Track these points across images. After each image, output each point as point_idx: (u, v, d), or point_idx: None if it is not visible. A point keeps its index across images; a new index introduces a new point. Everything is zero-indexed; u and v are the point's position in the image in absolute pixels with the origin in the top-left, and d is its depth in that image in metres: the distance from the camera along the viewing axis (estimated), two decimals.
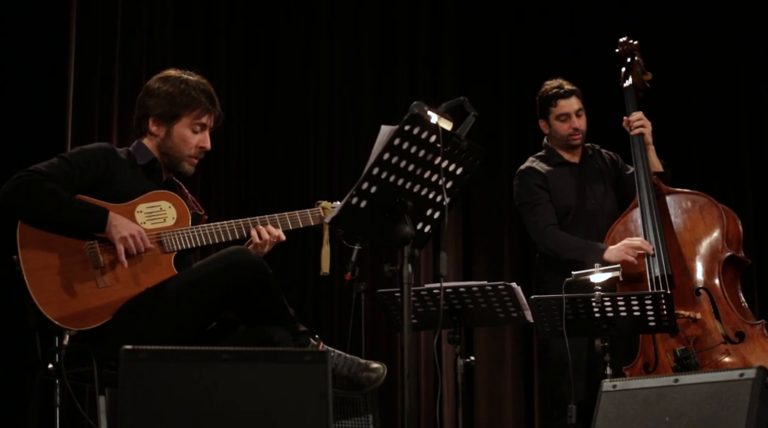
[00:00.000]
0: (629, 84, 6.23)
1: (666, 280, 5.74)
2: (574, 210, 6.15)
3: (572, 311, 5.23)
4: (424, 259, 7.73)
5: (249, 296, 4.36)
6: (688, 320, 5.65)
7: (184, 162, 4.72)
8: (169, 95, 4.69)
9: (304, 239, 7.36)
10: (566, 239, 6.00)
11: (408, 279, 3.83)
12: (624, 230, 5.99)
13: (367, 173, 3.77)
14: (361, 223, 3.89)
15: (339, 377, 4.46)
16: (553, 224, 6.07)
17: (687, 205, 5.94)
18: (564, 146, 6.25)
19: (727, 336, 5.61)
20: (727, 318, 5.64)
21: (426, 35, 8.35)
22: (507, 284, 5.28)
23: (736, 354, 5.56)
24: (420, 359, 7.82)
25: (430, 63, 8.32)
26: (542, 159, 6.27)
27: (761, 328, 5.61)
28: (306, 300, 7.79)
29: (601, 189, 6.22)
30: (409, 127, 3.76)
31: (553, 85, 6.24)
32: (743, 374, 3.55)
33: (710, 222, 5.86)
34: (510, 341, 8.02)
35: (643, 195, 5.94)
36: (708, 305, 5.69)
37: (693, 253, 5.83)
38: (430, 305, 5.34)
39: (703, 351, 5.58)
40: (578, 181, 6.21)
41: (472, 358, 5.43)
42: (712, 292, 5.70)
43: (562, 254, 5.97)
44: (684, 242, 5.86)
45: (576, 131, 6.19)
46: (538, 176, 6.18)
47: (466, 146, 3.93)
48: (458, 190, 4.02)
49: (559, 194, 6.16)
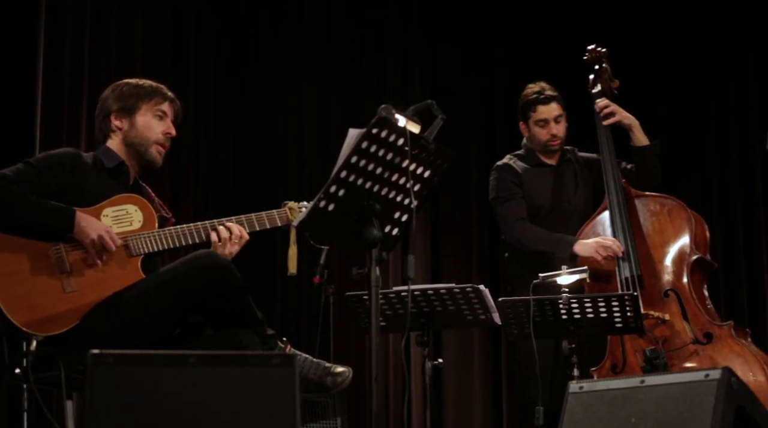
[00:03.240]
0: (597, 90, 6.27)
1: (635, 281, 5.78)
2: (546, 211, 6.18)
3: (540, 313, 5.24)
4: (393, 262, 7.74)
5: (217, 299, 4.36)
6: (656, 321, 5.69)
7: (151, 149, 4.73)
8: (125, 91, 4.77)
9: (272, 241, 7.35)
10: (535, 231, 6.04)
11: (376, 282, 3.83)
12: (593, 232, 6.03)
13: (335, 176, 3.76)
14: (329, 226, 3.88)
15: (306, 380, 4.46)
16: (523, 218, 6.12)
17: (656, 208, 5.99)
18: (542, 150, 6.27)
19: (695, 337, 5.65)
20: (696, 319, 5.69)
21: (395, 38, 8.36)
22: (475, 287, 5.29)
23: (704, 355, 5.60)
24: (389, 361, 7.83)
25: (399, 66, 8.33)
26: (520, 158, 6.30)
27: (729, 329, 5.65)
28: (275, 303, 7.78)
29: (576, 192, 6.24)
30: (376, 130, 3.77)
31: (534, 89, 6.25)
32: (708, 375, 3.57)
33: (679, 225, 5.90)
34: (478, 343, 8.04)
35: (612, 198, 5.99)
36: (676, 306, 5.73)
37: (662, 255, 5.88)
38: (398, 308, 5.33)
39: (672, 351, 5.61)
40: (554, 183, 6.24)
41: (440, 360, 5.43)
42: (681, 293, 5.75)
43: (531, 246, 6.01)
44: (653, 244, 5.90)
45: (554, 137, 6.20)
46: (513, 174, 6.22)
47: (434, 149, 3.93)
48: (426, 193, 4.02)
49: (532, 194, 6.19)
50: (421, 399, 7.63)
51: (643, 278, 5.82)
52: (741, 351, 5.59)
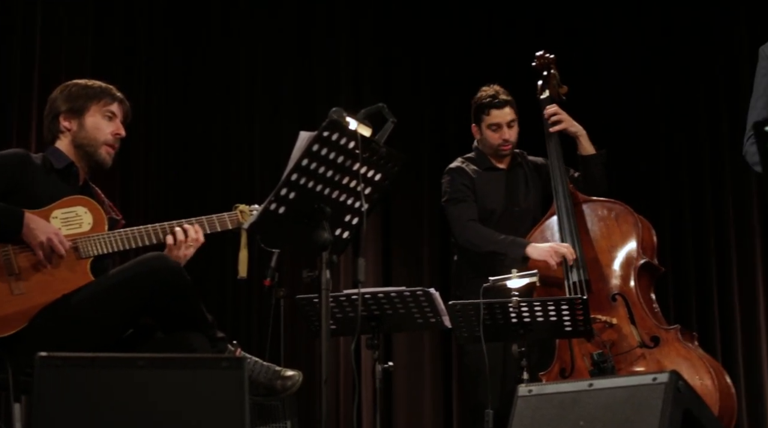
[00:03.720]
0: (546, 96, 6.30)
1: (583, 285, 5.81)
2: (498, 215, 6.21)
3: (490, 317, 5.26)
4: (344, 265, 7.74)
5: (167, 302, 4.35)
6: (604, 325, 5.73)
7: (101, 150, 4.72)
8: (74, 91, 4.76)
9: (223, 244, 7.33)
10: (487, 232, 6.07)
11: (326, 285, 3.83)
12: (542, 237, 6.06)
13: (286, 179, 3.76)
14: (280, 229, 3.88)
15: (255, 384, 4.46)
16: (474, 219, 6.14)
17: (603, 213, 6.03)
18: (493, 154, 6.28)
19: (642, 341, 5.69)
20: (643, 323, 5.73)
21: (347, 41, 8.35)
22: (425, 290, 5.30)
23: (652, 358, 5.65)
24: (339, 364, 7.82)
25: (351, 69, 8.33)
26: (472, 161, 6.32)
27: (675, 333, 5.70)
28: (225, 306, 7.76)
29: (527, 196, 6.27)
30: (327, 133, 3.77)
31: (488, 92, 6.25)
32: (656, 378, 3.59)
33: (626, 230, 5.95)
34: (428, 346, 8.05)
35: (560, 203, 6.02)
36: (624, 310, 5.77)
37: (609, 259, 5.92)
38: (348, 311, 5.34)
39: (619, 355, 5.66)
40: (505, 187, 6.26)
41: (390, 364, 5.43)
42: (628, 297, 5.79)
43: (482, 247, 6.03)
44: (600, 249, 5.94)
45: (506, 142, 6.22)
46: (466, 176, 6.23)
47: (385, 152, 3.93)
48: (377, 196, 4.02)
49: (484, 198, 6.21)
50: (371, 403, 7.63)
51: (591, 283, 5.87)
52: (688, 354, 5.64)
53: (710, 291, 7.80)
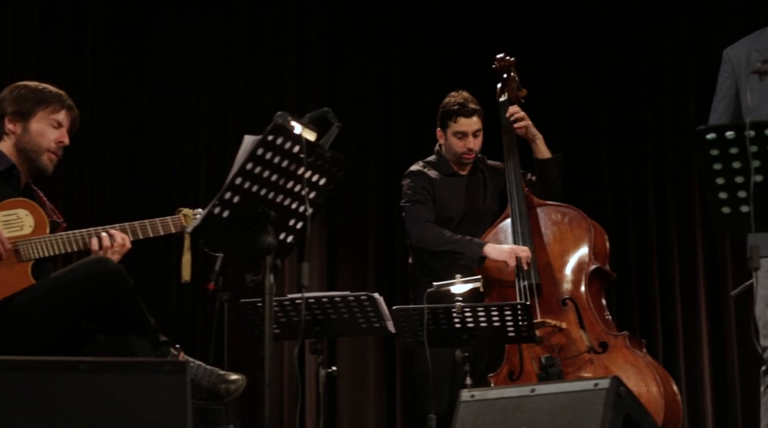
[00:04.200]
0: (505, 99, 6.31)
1: (534, 289, 5.83)
2: (457, 220, 6.21)
3: (433, 322, 5.26)
4: (289, 269, 7.73)
5: (109, 305, 4.32)
6: (554, 329, 5.75)
7: (43, 156, 4.68)
8: (23, 94, 4.71)
9: (167, 247, 7.30)
10: (442, 232, 6.06)
11: (270, 289, 3.83)
12: (495, 239, 6.07)
13: (230, 182, 3.76)
14: (224, 233, 3.87)
15: (198, 388, 4.44)
16: (431, 221, 6.14)
17: (557, 217, 6.05)
18: (453, 160, 6.29)
19: (591, 346, 5.71)
20: (592, 328, 5.76)
21: (294, 45, 8.34)
22: (369, 295, 5.30)
23: (600, 364, 5.66)
24: (283, 369, 7.80)
25: (297, 73, 8.31)
26: (432, 166, 6.31)
27: (624, 339, 5.72)
28: (169, 310, 7.73)
29: (487, 202, 6.28)
30: (272, 137, 3.76)
31: (458, 100, 6.22)
32: (597, 384, 3.62)
33: (579, 235, 5.97)
34: (373, 351, 8.04)
35: (514, 206, 6.04)
36: (574, 315, 5.79)
37: (561, 264, 5.94)
38: (292, 316, 5.33)
39: (568, 359, 5.68)
40: (465, 193, 6.26)
41: (333, 368, 5.43)
42: (578, 302, 5.81)
43: (438, 246, 6.02)
44: (553, 253, 5.96)
45: (470, 151, 6.21)
46: (426, 180, 6.23)
47: (330, 156, 3.94)
48: (321, 200, 4.02)
49: (444, 204, 6.21)
50: (314, 407, 7.62)
51: (542, 287, 5.88)
52: (635, 361, 5.66)
53: (653, 299, 7.86)
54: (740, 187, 3.67)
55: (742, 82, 4.89)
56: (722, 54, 5.03)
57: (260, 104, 8.10)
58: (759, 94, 4.78)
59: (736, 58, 4.95)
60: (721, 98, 4.98)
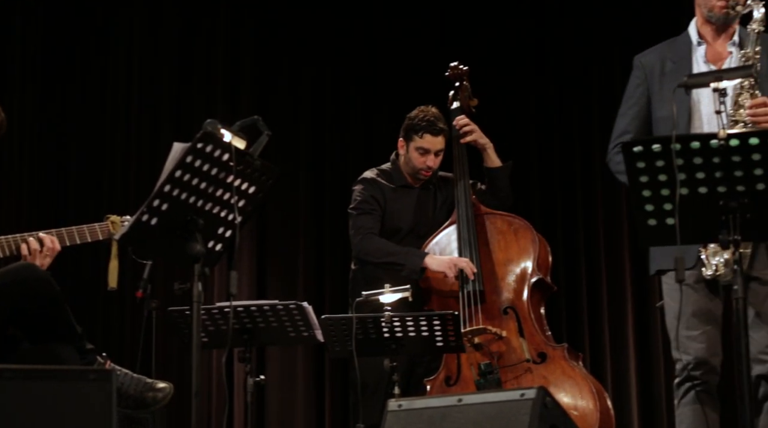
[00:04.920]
0: (456, 107, 6.32)
1: (477, 296, 5.86)
2: (405, 232, 6.21)
3: (362, 332, 5.27)
4: (218, 277, 7.70)
5: (34, 312, 4.29)
6: (494, 336, 5.78)
7: None
8: None
9: (95, 254, 7.25)
10: (384, 243, 6.07)
11: (198, 298, 3.82)
12: (437, 244, 6.09)
13: (158, 190, 3.74)
14: (152, 240, 3.86)
15: (125, 396, 4.41)
16: (374, 232, 6.14)
17: (503, 226, 6.08)
18: (410, 173, 6.28)
19: (530, 355, 5.75)
20: (531, 338, 5.79)
21: (225, 53, 8.32)
22: (298, 304, 5.30)
23: (537, 374, 5.70)
24: (211, 377, 7.77)
25: (228, 81, 8.29)
26: (386, 175, 6.30)
27: (562, 351, 5.76)
28: (96, 317, 7.67)
29: (437, 215, 6.29)
30: (201, 144, 3.76)
31: (428, 116, 6.19)
32: (524, 394, 3.64)
33: (524, 245, 6.00)
34: (302, 360, 8.03)
35: (461, 213, 6.06)
36: (514, 323, 5.82)
37: (504, 273, 5.97)
38: (221, 324, 5.31)
39: (506, 367, 5.70)
40: (415, 205, 6.26)
41: (262, 377, 5.42)
42: (519, 312, 5.84)
43: (379, 258, 6.02)
44: (497, 261, 5.98)
45: (429, 168, 6.21)
46: (378, 190, 6.22)
47: (259, 165, 3.94)
48: (251, 209, 4.02)
49: (393, 215, 6.21)
50: (242, 416, 7.59)
51: (485, 294, 5.90)
52: (572, 373, 5.70)
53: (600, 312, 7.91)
54: (666, 199, 3.72)
55: (654, 89, 4.96)
56: (633, 61, 5.10)
57: (190, 112, 8.07)
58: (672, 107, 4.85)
59: (649, 65, 5.01)
60: (631, 105, 5.04)
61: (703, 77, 4.40)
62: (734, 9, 4.78)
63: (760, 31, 4.71)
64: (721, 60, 4.89)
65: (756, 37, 4.70)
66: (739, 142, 3.59)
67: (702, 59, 4.91)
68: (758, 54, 4.69)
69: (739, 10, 4.78)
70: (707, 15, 4.90)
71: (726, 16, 4.84)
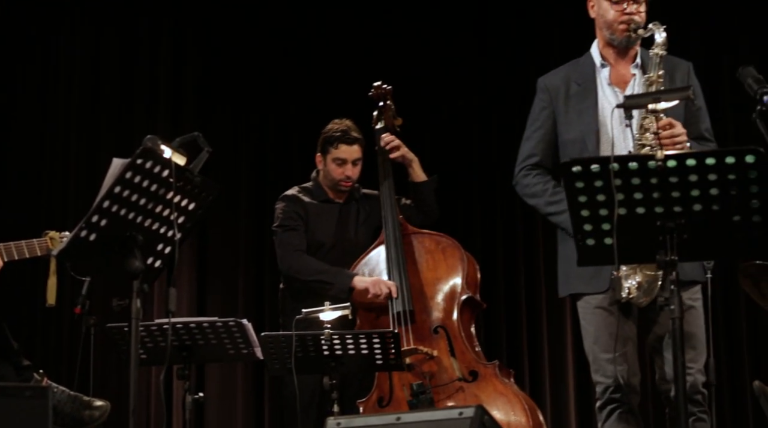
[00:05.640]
0: (381, 127, 6.34)
1: (407, 316, 5.86)
2: (328, 247, 6.22)
3: (302, 349, 5.26)
4: (157, 294, 7.65)
5: None
6: (425, 356, 5.78)
7: None
8: None
9: (34, 269, 7.18)
10: (313, 262, 6.07)
11: (137, 314, 3.81)
12: (366, 265, 6.08)
13: (97, 206, 3.73)
14: (91, 256, 3.85)
15: (61, 414, 4.39)
16: (302, 249, 6.14)
17: (431, 246, 6.09)
18: (330, 186, 6.29)
19: (461, 374, 5.76)
20: (462, 357, 5.80)
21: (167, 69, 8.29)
22: (238, 321, 5.29)
23: (470, 392, 5.70)
24: (150, 395, 7.72)
25: (169, 97, 8.26)
26: (307, 192, 6.31)
27: (494, 368, 5.77)
28: (34, 334, 7.60)
29: (359, 230, 6.29)
30: (141, 160, 3.75)
31: (340, 126, 6.24)
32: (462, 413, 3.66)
33: (452, 264, 6.02)
34: (241, 377, 8.00)
35: (389, 233, 6.06)
36: (445, 343, 5.83)
37: (434, 292, 5.97)
38: (159, 341, 5.29)
39: (438, 387, 5.71)
40: (337, 220, 6.27)
41: (200, 394, 5.39)
42: (450, 331, 5.85)
43: (308, 276, 6.02)
44: (426, 281, 5.99)
45: (348, 178, 6.23)
46: (300, 206, 6.23)
47: (199, 181, 3.93)
48: (190, 225, 4.01)
49: (316, 230, 6.21)
50: None
51: (415, 314, 5.91)
52: (504, 390, 5.71)
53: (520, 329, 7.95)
54: (604, 219, 3.75)
55: (560, 112, 5.01)
56: (537, 83, 5.15)
57: (130, 127, 8.03)
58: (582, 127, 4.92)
59: (553, 87, 5.07)
60: (537, 127, 5.09)
61: (641, 99, 4.47)
62: (636, 32, 4.87)
63: (663, 54, 4.79)
64: (625, 82, 4.98)
65: (659, 60, 4.78)
66: (677, 163, 3.63)
67: (606, 81, 4.99)
68: (661, 78, 4.77)
69: (641, 34, 4.87)
70: (609, 38, 4.99)
71: (628, 39, 4.93)
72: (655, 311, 4.74)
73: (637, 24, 4.86)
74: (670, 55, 4.86)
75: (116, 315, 4.53)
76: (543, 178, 5.06)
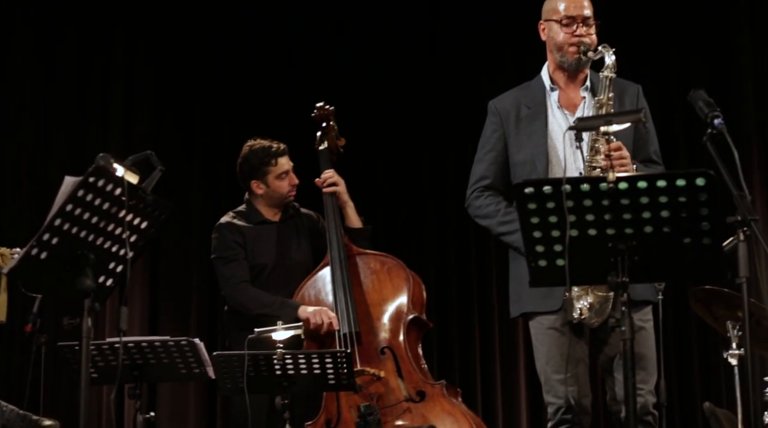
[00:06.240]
0: (324, 148, 6.33)
1: (353, 337, 5.86)
2: (270, 268, 6.18)
3: (254, 368, 5.24)
4: (109, 312, 7.62)
5: None
6: (372, 377, 5.78)
7: None
8: None
9: None
10: (259, 295, 6.04)
11: (88, 333, 3.80)
12: (313, 287, 6.08)
13: (49, 224, 3.72)
14: (42, 274, 3.83)
15: None
16: (246, 280, 6.10)
17: (376, 266, 6.09)
18: (276, 204, 6.26)
19: (409, 395, 5.75)
20: (410, 377, 5.80)
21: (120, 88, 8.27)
22: (189, 340, 5.27)
23: (417, 413, 5.70)
24: (101, 414, 7.68)
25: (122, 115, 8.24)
26: (242, 216, 6.27)
27: (441, 388, 5.77)
28: None
29: (300, 248, 6.27)
30: (93, 178, 3.74)
31: (263, 144, 6.22)
32: None
33: (397, 284, 6.02)
34: (194, 396, 7.97)
35: (334, 254, 6.05)
36: (392, 363, 5.83)
37: (380, 313, 5.97)
38: (111, 360, 5.26)
39: (386, 408, 5.70)
40: (277, 239, 6.24)
41: (152, 414, 5.37)
42: (396, 351, 5.85)
43: (255, 310, 5.99)
44: (372, 302, 5.99)
45: (294, 187, 6.23)
46: (236, 232, 6.18)
47: (152, 199, 3.93)
48: (143, 244, 4.00)
49: (256, 252, 6.17)
50: None
51: (362, 335, 5.91)
52: (452, 409, 5.72)
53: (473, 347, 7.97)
54: (556, 241, 3.77)
55: (511, 134, 5.06)
56: (488, 106, 5.19)
57: (83, 145, 8.01)
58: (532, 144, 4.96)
59: (504, 110, 5.12)
60: (488, 150, 5.13)
61: (594, 121, 4.50)
62: (586, 55, 4.92)
63: (612, 77, 4.83)
64: (575, 105, 5.04)
65: (608, 82, 4.83)
66: (628, 185, 3.66)
67: (556, 104, 5.05)
68: (611, 100, 4.82)
69: (591, 56, 4.92)
70: (560, 60, 5.03)
71: (578, 62, 4.98)
72: (606, 332, 4.78)
73: (587, 46, 4.91)
74: (619, 78, 4.90)
75: (67, 334, 4.51)
76: (495, 199, 5.09)
